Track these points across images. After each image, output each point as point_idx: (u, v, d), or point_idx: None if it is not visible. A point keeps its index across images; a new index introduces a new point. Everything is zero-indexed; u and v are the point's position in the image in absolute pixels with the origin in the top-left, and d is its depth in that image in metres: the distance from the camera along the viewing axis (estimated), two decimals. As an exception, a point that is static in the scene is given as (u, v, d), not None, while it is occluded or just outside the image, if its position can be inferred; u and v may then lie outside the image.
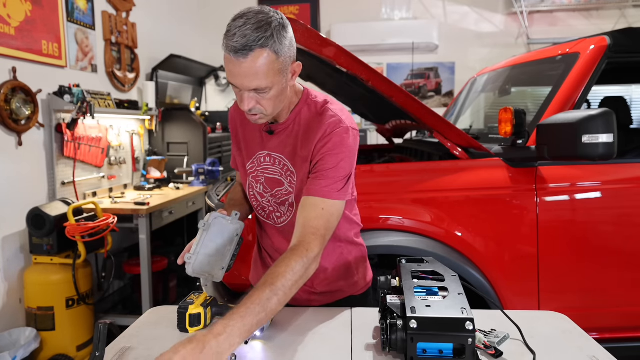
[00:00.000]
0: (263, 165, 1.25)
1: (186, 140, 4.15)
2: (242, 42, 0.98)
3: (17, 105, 2.64)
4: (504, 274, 1.88)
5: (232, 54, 0.99)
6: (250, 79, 1.02)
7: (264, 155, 1.25)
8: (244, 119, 1.27)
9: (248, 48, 0.98)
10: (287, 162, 1.21)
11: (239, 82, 1.03)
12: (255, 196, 1.30)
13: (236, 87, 1.06)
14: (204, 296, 1.17)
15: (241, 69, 1.00)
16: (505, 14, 5.07)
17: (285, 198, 1.23)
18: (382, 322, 0.98)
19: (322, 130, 1.14)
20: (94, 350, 0.88)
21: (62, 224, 2.59)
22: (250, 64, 0.99)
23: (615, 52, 2.04)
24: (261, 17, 1.01)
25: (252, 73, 1.01)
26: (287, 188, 1.22)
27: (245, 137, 1.29)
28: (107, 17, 3.60)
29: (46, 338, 2.55)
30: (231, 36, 0.99)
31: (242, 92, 1.06)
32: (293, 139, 1.20)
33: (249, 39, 0.98)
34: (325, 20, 5.29)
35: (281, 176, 1.22)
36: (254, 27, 0.98)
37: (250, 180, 1.29)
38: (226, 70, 1.03)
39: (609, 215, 1.97)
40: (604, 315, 1.97)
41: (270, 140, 1.23)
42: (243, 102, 1.07)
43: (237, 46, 0.98)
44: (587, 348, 1.05)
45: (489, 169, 1.95)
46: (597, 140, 1.66)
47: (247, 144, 1.29)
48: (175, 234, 4.00)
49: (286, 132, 1.21)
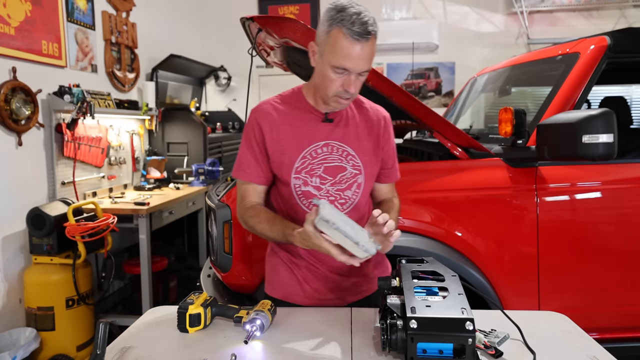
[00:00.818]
0: (320, 156, 1.27)
1: (186, 140, 4.15)
2: (364, 27, 1.10)
3: (17, 105, 2.64)
4: (504, 274, 1.88)
5: (356, 37, 1.10)
6: (365, 62, 1.14)
7: (320, 145, 1.28)
8: (288, 118, 1.28)
9: (368, 32, 1.11)
10: (346, 147, 1.29)
11: (357, 65, 1.14)
12: (305, 193, 1.28)
13: (341, 71, 1.15)
14: (204, 296, 1.17)
15: (362, 52, 1.12)
16: (505, 14, 5.07)
17: (352, 181, 1.30)
18: (382, 322, 0.98)
19: (383, 119, 1.36)
20: (95, 349, 0.89)
21: (62, 224, 2.59)
22: (369, 47, 1.13)
23: (615, 52, 2.03)
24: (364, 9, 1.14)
25: (367, 56, 1.14)
26: (352, 171, 1.29)
27: (293, 135, 1.27)
28: (107, 17, 3.60)
29: (46, 338, 2.54)
30: (351, 23, 1.10)
31: (351, 76, 1.16)
32: (352, 127, 1.31)
33: (368, 24, 1.11)
34: (325, 20, 5.29)
35: (341, 162, 1.29)
36: (367, 14, 1.12)
37: (300, 177, 1.27)
38: (339, 55, 1.13)
39: (609, 215, 1.96)
40: (604, 315, 1.97)
41: (326, 130, 1.29)
42: (351, 85, 1.17)
43: (361, 31, 1.10)
44: (587, 348, 1.05)
45: (489, 169, 1.95)
46: (597, 140, 1.66)
47: (296, 140, 1.27)
48: (175, 234, 4.00)
49: (342, 120, 1.31)
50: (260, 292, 1.82)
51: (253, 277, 1.84)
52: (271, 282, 1.41)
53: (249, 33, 2.14)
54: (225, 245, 1.85)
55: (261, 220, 1.25)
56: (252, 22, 1.88)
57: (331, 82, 1.17)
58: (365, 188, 1.32)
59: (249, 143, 1.31)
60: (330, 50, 1.14)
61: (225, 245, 1.85)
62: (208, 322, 1.15)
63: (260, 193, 1.32)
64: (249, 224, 1.29)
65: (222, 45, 5.34)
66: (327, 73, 1.17)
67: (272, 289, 1.40)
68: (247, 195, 1.31)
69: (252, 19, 1.84)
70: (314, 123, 1.28)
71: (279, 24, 1.79)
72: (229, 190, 1.94)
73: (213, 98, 5.48)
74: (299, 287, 1.35)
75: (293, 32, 1.77)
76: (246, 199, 1.31)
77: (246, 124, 1.33)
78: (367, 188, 1.34)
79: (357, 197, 1.31)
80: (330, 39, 1.13)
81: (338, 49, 1.12)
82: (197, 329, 1.13)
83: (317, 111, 1.29)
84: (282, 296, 1.37)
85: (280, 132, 1.28)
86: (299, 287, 1.35)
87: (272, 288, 1.41)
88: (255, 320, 1.09)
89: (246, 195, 1.31)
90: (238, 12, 3.92)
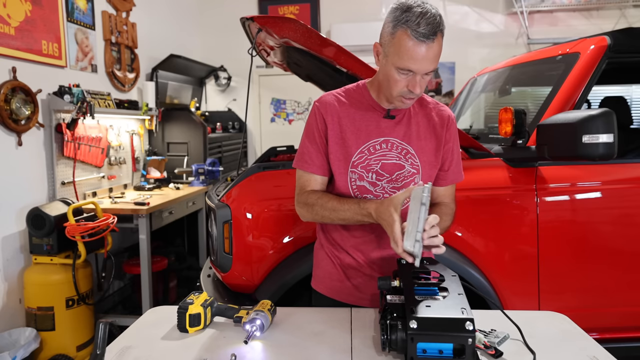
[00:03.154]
0: (378, 152, 1.27)
1: (186, 140, 4.15)
2: (429, 28, 1.08)
3: (17, 105, 2.64)
4: (504, 274, 1.88)
5: (422, 38, 1.08)
6: (431, 62, 1.12)
7: (380, 142, 1.27)
8: (350, 112, 1.28)
9: (434, 33, 1.09)
10: (406, 145, 1.28)
11: (423, 66, 1.12)
12: (361, 188, 1.28)
13: (406, 72, 1.13)
14: (204, 296, 1.17)
15: (428, 53, 1.10)
16: (505, 14, 5.07)
17: (409, 180, 1.29)
18: (382, 322, 0.98)
19: (446, 120, 1.32)
20: (95, 349, 0.88)
21: (62, 224, 2.59)
22: (435, 47, 1.11)
23: (615, 52, 2.03)
24: (430, 7, 1.11)
25: (433, 56, 1.12)
26: (410, 169, 1.28)
27: (352, 128, 1.27)
28: (107, 17, 3.60)
29: (46, 338, 2.54)
30: (416, 24, 1.08)
31: (416, 77, 1.14)
32: (415, 125, 1.29)
33: (434, 24, 1.09)
34: (325, 20, 5.29)
35: (400, 160, 1.28)
36: (433, 14, 1.10)
37: (357, 171, 1.27)
38: (404, 56, 1.11)
39: (609, 215, 1.96)
40: (604, 315, 1.97)
41: (387, 126, 1.27)
42: (416, 86, 1.15)
43: (427, 32, 1.08)
44: (587, 348, 1.05)
45: (489, 169, 1.95)
46: (597, 140, 1.66)
47: (355, 134, 1.27)
48: (175, 234, 4.00)
49: (405, 118, 1.29)
50: (260, 292, 1.82)
51: (253, 277, 1.84)
52: (316, 276, 1.44)
53: (249, 33, 2.14)
54: (225, 245, 1.85)
55: (330, 198, 1.25)
56: (252, 22, 1.88)
57: (396, 83, 1.16)
58: None
59: (311, 134, 1.31)
60: (395, 52, 1.12)
61: (225, 245, 1.85)
62: (208, 322, 1.15)
63: (322, 184, 1.32)
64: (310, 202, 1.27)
65: (222, 45, 5.34)
66: (391, 74, 1.16)
67: (317, 282, 1.43)
68: (309, 186, 1.31)
69: (252, 19, 1.84)
70: (376, 119, 1.28)
71: (279, 24, 1.79)
72: (229, 190, 1.94)
73: (213, 98, 5.48)
74: (339, 283, 1.36)
75: (293, 32, 1.77)
76: (307, 188, 1.31)
77: (309, 116, 1.33)
78: None
79: None
80: (395, 40, 1.12)
81: (403, 51, 1.11)
82: (197, 329, 1.13)
83: (379, 107, 1.28)
84: (325, 289, 1.40)
85: (342, 125, 1.28)
86: (340, 283, 1.36)
87: (316, 282, 1.43)
88: (255, 320, 1.09)
89: (307, 185, 1.32)
90: (238, 12, 3.91)
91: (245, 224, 1.83)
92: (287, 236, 1.82)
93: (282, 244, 1.83)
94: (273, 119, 5.55)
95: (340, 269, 1.36)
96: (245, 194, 1.88)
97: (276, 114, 5.54)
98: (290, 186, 1.31)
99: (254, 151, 5.51)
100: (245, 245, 1.83)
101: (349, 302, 1.35)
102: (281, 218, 1.82)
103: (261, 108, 5.52)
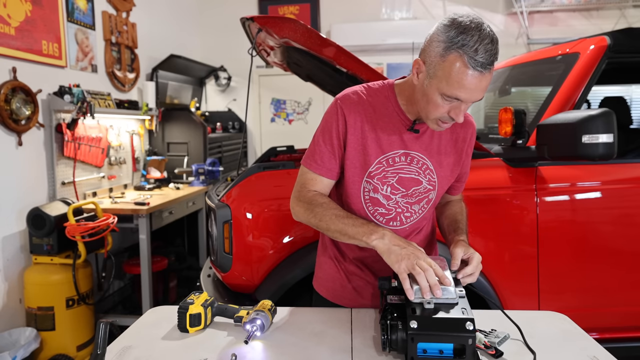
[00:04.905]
0: (397, 165, 1.19)
1: (186, 140, 4.15)
2: (488, 57, 0.98)
3: (17, 105, 2.64)
4: (504, 274, 1.88)
5: (479, 69, 0.98)
6: (482, 92, 1.03)
7: (399, 154, 1.19)
8: (373, 116, 1.18)
9: (491, 63, 1.00)
10: (427, 160, 1.21)
11: (472, 96, 1.03)
12: (374, 200, 1.21)
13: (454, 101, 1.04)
14: (204, 296, 1.17)
15: (482, 83, 1.01)
16: (505, 14, 5.06)
17: (424, 196, 1.23)
18: (382, 322, 0.98)
19: (470, 130, 1.27)
20: (95, 349, 0.89)
21: (62, 224, 2.59)
22: (489, 77, 1.01)
23: (615, 52, 2.03)
24: (488, 30, 1.00)
25: (485, 86, 1.03)
26: (426, 186, 1.22)
27: (373, 136, 1.18)
28: (107, 17, 3.60)
29: (46, 338, 2.54)
30: (474, 51, 0.97)
31: (462, 105, 1.05)
32: (437, 139, 1.22)
33: (492, 53, 0.99)
34: (325, 20, 5.29)
35: (418, 175, 1.21)
36: (491, 38, 0.99)
37: (372, 182, 1.20)
38: (454, 84, 1.01)
39: (609, 215, 1.96)
40: (604, 315, 1.97)
41: (409, 139, 1.19)
42: (459, 115, 1.06)
43: (485, 61, 0.98)
44: (587, 348, 1.05)
45: (489, 169, 1.95)
46: (597, 140, 1.66)
47: (376, 142, 1.18)
48: (175, 234, 4.00)
49: (428, 131, 1.21)
50: (260, 292, 1.82)
51: (253, 277, 1.84)
52: (317, 277, 1.42)
53: (249, 33, 2.14)
54: (225, 245, 1.85)
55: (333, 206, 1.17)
56: (252, 22, 1.88)
57: (436, 108, 1.06)
58: (433, 204, 1.28)
59: (327, 133, 1.20)
60: (444, 77, 1.01)
61: (225, 245, 1.85)
62: (208, 322, 1.15)
63: (327, 187, 1.23)
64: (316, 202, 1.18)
65: (222, 45, 5.34)
66: (434, 98, 1.05)
67: (318, 284, 1.41)
68: (313, 185, 1.22)
69: (252, 19, 1.84)
70: (399, 128, 1.18)
71: (279, 24, 1.79)
72: (229, 190, 1.93)
73: (213, 98, 5.48)
74: (340, 287, 1.34)
75: (293, 32, 1.77)
76: (308, 187, 1.23)
77: (328, 112, 1.22)
78: (435, 203, 1.29)
79: (423, 212, 1.26)
80: (445, 63, 1.00)
81: (455, 78, 1.00)
82: (197, 329, 1.13)
83: (405, 117, 1.19)
84: (325, 292, 1.37)
85: (364, 130, 1.18)
86: (341, 287, 1.34)
87: (317, 283, 1.42)
88: (255, 320, 1.09)
89: (311, 184, 1.23)
90: (238, 12, 3.91)
91: (245, 224, 1.83)
92: (287, 236, 1.83)
93: (282, 244, 1.83)
94: (273, 119, 5.55)
95: (343, 273, 1.34)
96: (245, 194, 1.88)
97: (276, 114, 5.54)
98: (290, 186, 1.30)
99: (254, 151, 5.51)
100: (245, 245, 1.83)
101: (349, 307, 1.33)
102: (281, 218, 1.82)
103: (261, 108, 5.52)
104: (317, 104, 5.43)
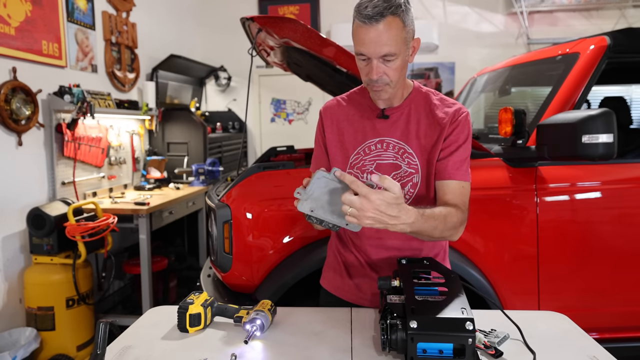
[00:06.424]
0: (373, 153, 1.27)
1: (186, 140, 4.15)
2: (375, 10, 1.08)
3: (17, 105, 2.64)
4: (504, 274, 1.88)
5: (366, 20, 1.09)
6: (381, 45, 1.11)
7: (374, 142, 1.27)
8: (349, 114, 1.31)
9: (379, 14, 1.08)
10: (403, 145, 1.25)
11: (370, 49, 1.12)
12: None
13: (364, 58, 1.14)
14: (203, 296, 1.17)
15: (373, 35, 1.10)
16: (505, 14, 5.07)
17: (407, 180, 1.26)
18: (382, 322, 0.98)
19: (452, 115, 1.25)
20: (95, 349, 0.89)
21: (62, 224, 2.59)
22: (382, 29, 1.09)
23: (615, 52, 2.04)
24: None
25: (383, 39, 1.10)
26: (407, 169, 1.26)
27: (350, 130, 1.30)
28: (107, 17, 3.60)
29: (46, 338, 2.55)
30: (363, 8, 1.10)
31: (371, 62, 1.14)
32: (414, 124, 1.26)
33: (380, 7, 1.09)
34: (325, 20, 5.29)
35: (397, 160, 1.25)
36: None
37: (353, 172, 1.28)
38: (356, 41, 1.14)
39: (609, 215, 1.96)
40: (604, 315, 1.97)
41: (382, 126, 1.27)
42: (372, 71, 1.14)
43: (370, 13, 1.08)
44: (587, 348, 1.05)
45: (489, 169, 1.95)
46: (597, 140, 1.66)
47: (353, 136, 1.29)
48: (175, 234, 4.00)
49: (403, 116, 1.26)
50: (260, 292, 1.82)
51: (253, 277, 1.84)
52: (323, 270, 1.47)
53: (249, 33, 2.14)
54: (225, 245, 1.85)
55: None
56: (252, 22, 1.88)
57: (360, 72, 1.19)
58: (420, 187, 1.26)
59: (316, 139, 1.37)
60: (353, 40, 1.16)
61: (225, 245, 1.85)
62: (208, 322, 1.15)
63: None
64: None
65: (222, 45, 5.34)
66: (357, 64, 1.19)
67: (323, 278, 1.46)
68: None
69: (252, 19, 1.84)
70: (371, 119, 1.29)
71: (279, 24, 1.79)
72: (229, 190, 1.94)
73: (213, 98, 5.48)
74: (340, 279, 1.38)
75: (293, 32, 1.78)
76: None
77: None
78: (424, 188, 1.26)
79: (410, 196, 1.26)
80: (352, 29, 1.16)
81: (355, 38, 1.15)
82: (197, 329, 1.13)
83: (375, 107, 1.28)
84: (327, 284, 1.43)
85: (341, 128, 1.31)
86: (341, 280, 1.38)
87: (323, 278, 1.46)
88: (255, 320, 1.09)
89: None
90: (238, 12, 3.92)
91: (245, 224, 1.83)
92: (287, 236, 1.83)
93: (282, 244, 1.83)
94: (273, 119, 5.55)
95: (342, 265, 1.38)
96: (245, 194, 1.88)
97: (276, 114, 5.54)
98: (290, 186, 1.30)
99: (254, 151, 5.51)
100: (245, 245, 1.84)
101: (349, 300, 1.36)
102: (281, 218, 1.83)
103: (261, 108, 5.52)
104: (317, 104, 5.43)
